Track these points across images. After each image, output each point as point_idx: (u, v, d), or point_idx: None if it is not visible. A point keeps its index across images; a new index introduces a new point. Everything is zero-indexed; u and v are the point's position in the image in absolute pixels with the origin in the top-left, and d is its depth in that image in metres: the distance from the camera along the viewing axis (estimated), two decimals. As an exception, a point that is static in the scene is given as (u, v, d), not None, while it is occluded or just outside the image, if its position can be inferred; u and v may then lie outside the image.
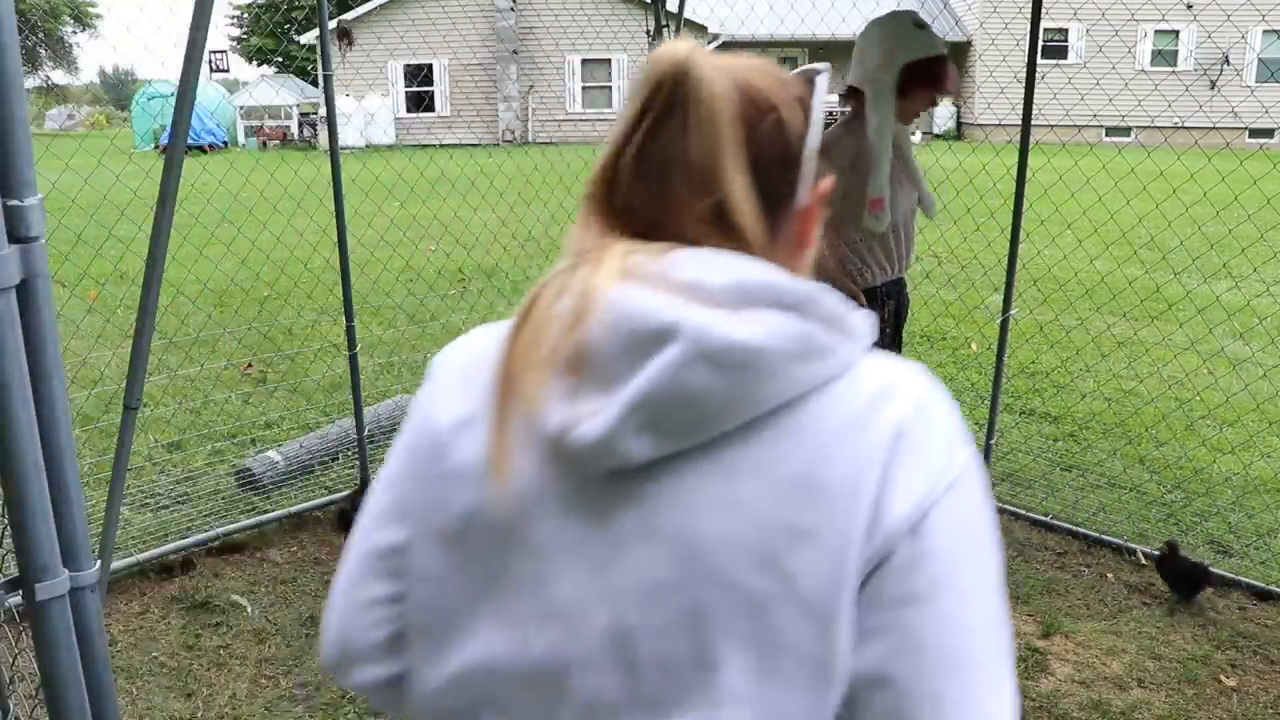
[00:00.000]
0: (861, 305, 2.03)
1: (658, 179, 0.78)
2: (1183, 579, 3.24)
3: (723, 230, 0.77)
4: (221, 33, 40.38)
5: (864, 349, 0.78)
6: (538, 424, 0.76)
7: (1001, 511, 3.83)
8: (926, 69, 2.71)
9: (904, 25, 2.75)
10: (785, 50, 27.87)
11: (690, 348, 0.71)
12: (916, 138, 20.84)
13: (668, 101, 0.77)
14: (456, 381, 0.86)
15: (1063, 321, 6.13)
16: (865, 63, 2.75)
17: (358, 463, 3.98)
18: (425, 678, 0.84)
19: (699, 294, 0.73)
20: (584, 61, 25.53)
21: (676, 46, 0.78)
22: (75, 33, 43.52)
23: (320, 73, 3.91)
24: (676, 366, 0.71)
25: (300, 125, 25.18)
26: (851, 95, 2.81)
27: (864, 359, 0.78)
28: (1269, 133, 22.29)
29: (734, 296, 0.73)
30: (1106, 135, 20.49)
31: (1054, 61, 23.49)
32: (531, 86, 25.44)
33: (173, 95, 2.30)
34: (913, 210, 3.00)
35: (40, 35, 39.00)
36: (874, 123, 2.71)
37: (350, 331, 3.85)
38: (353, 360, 3.89)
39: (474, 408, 0.82)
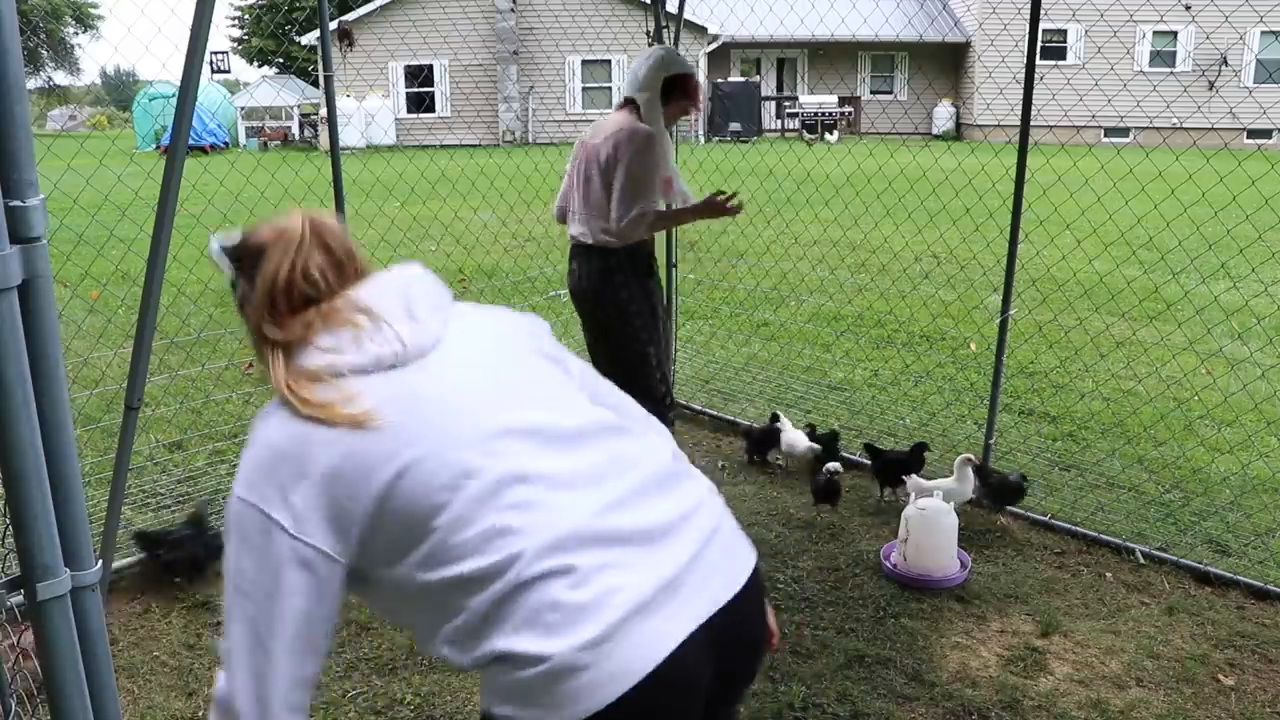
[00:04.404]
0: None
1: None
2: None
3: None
4: (222, 34, 40.40)
5: None
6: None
7: (1000, 511, 3.84)
8: (683, 83, 3.46)
9: (667, 51, 3.54)
10: (785, 51, 27.87)
11: None
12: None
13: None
14: None
15: (1061, 322, 6.14)
16: (639, 79, 3.46)
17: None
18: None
19: None
20: (584, 62, 25.53)
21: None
22: (77, 34, 43.54)
23: (321, 73, 3.92)
24: None
25: (301, 126, 25.19)
26: (629, 104, 3.47)
27: None
28: (1267, 133, 22.28)
29: None
30: (1105, 136, 20.49)
31: (1053, 62, 23.49)
32: (532, 87, 25.44)
33: (174, 96, 2.31)
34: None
35: (42, 36, 39.02)
36: (649, 121, 3.42)
37: (350, 332, 3.84)
38: (353, 361, 3.89)
39: None
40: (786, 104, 26.23)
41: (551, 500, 1.24)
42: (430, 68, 25.62)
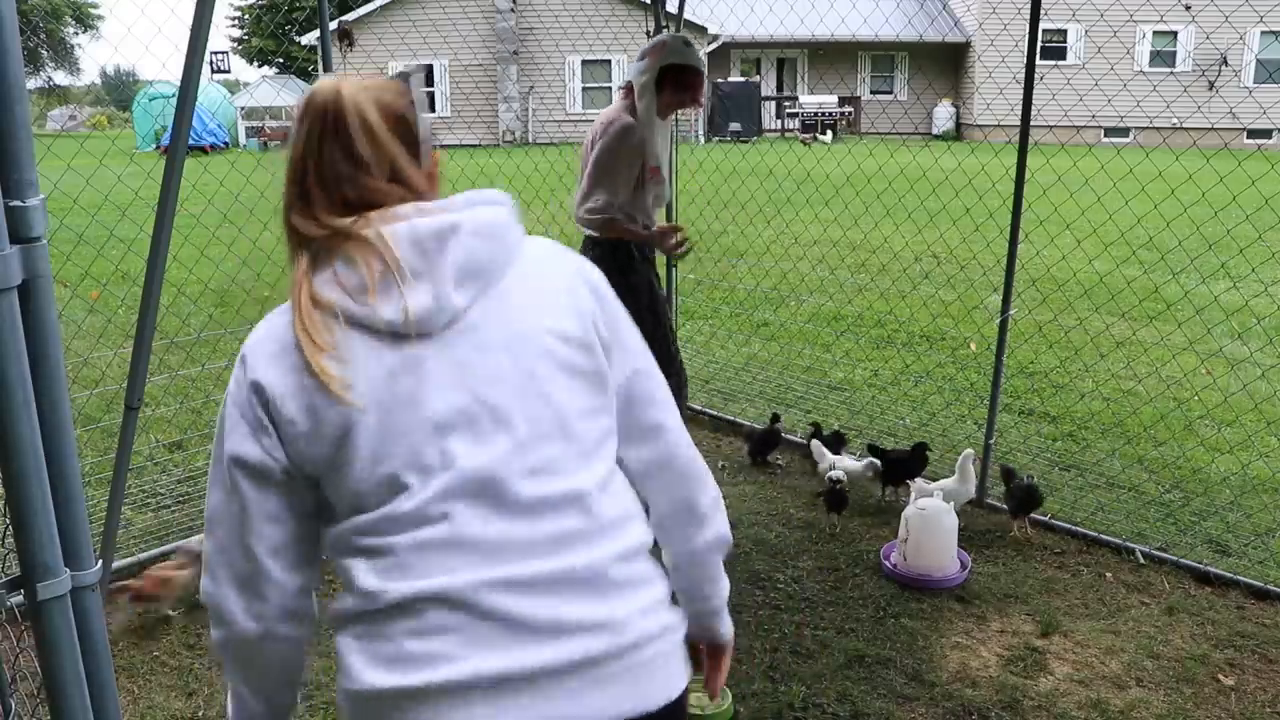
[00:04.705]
0: (641, 249, 3.40)
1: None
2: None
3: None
4: (222, 34, 40.43)
5: None
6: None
7: (1000, 511, 3.84)
8: (679, 74, 3.36)
9: (673, 40, 3.45)
10: (785, 51, 27.86)
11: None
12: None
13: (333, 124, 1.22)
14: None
15: (1061, 322, 6.14)
16: (639, 65, 3.39)
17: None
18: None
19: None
20: (584, 62, 25.53)
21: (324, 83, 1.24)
22: (77, 34, 43.57)
23: (321, 73, 3.92)
24: None
25: (301, 126, 25.14)
26: (628, 91, 3.43)
27: None
28: (1267, 133, 22.29)
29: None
30: (1105, 136, 20.49)
31: (1053, 62, 23.50)
32: (532, 87, 25.44)
33: (174, 96, 2.31)
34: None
35: (42, 36, 39.03)
36: (641, 109, 3.36)
37: (350, 332, 3.84)
38: (353, 361, 3.89)
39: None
40: (786, 104, 26.24)
41: (452, 556, 1.17)
42: (430, 68, 25.61)
